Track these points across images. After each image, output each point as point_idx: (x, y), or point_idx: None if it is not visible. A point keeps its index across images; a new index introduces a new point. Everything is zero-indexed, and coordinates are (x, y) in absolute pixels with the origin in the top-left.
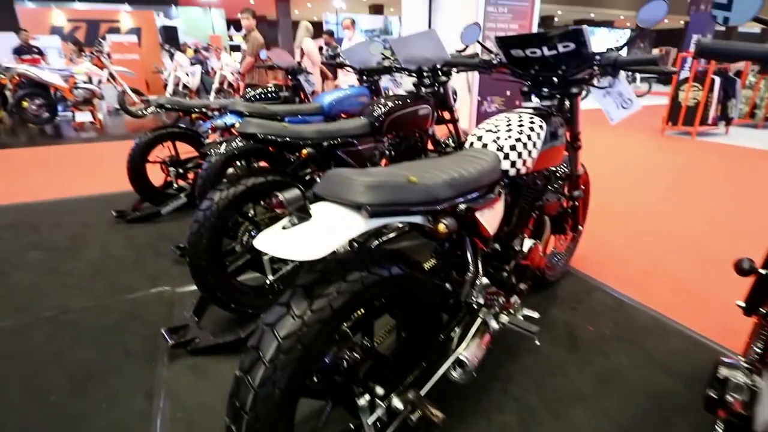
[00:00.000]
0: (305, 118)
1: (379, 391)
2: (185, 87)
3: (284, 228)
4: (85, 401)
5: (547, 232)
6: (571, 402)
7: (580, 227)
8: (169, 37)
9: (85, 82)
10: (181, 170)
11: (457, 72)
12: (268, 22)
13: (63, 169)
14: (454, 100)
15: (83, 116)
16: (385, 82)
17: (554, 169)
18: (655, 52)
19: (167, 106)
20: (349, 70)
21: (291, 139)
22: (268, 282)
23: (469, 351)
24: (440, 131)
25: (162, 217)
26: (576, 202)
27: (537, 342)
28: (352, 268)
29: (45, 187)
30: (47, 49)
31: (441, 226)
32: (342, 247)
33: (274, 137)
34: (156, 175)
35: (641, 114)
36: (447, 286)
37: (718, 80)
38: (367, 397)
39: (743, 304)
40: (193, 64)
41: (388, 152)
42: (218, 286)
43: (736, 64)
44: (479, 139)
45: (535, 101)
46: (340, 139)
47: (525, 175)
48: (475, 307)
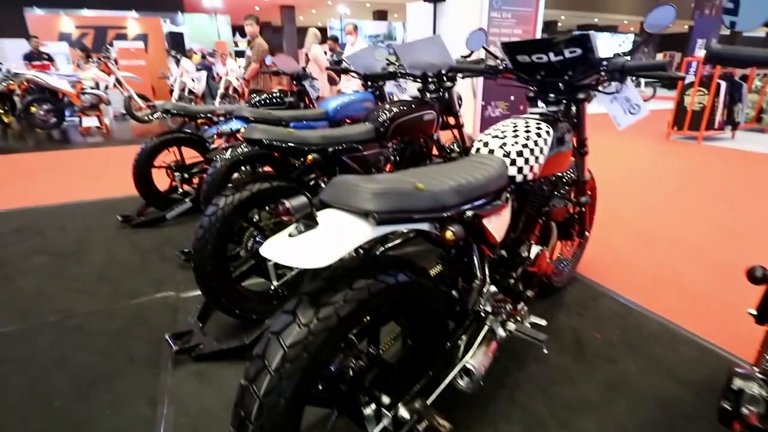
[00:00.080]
0: (310, 124)
1: (385, 400)
2: (191, 92)
3: (291, 235)
4: (89, 407)
5: (554, 238)
6: (579, 410)
7: (586, 233)
8: (176, 43)
9: (92, 88)
10: (186, 175)
11: (463, 77)
12: (272, 28)
13: (69, 174)
14: (459, 106)
15: (90, 121)
16: (390, 88)
17: (561, 175)
18: (660, 56)
19: (173, 111)
20: (354, 75)
21: (296, 145)
22: (272, 287)
23: (475, 359)
24: (445, 136)
25: (167, 221)
26: (583, 208)
27: (545, 350)
28: (359, 276)
29: (51, 191)
30: (55, 55)
31: (448, 234)
32: (348, 254)
33: (279, 143)
34: (161, 180)
35: (646, 119)
36: (453, 293)
37: (724, 84)
38: (373, 406)
39: (755, 313)
40: (199, 69)
41: (393, 158)
42: (223, 291)
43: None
44: (485, 145)
45: (541, 106)
46: (345, 145)
47: (532, 181)
48: (483, 315)
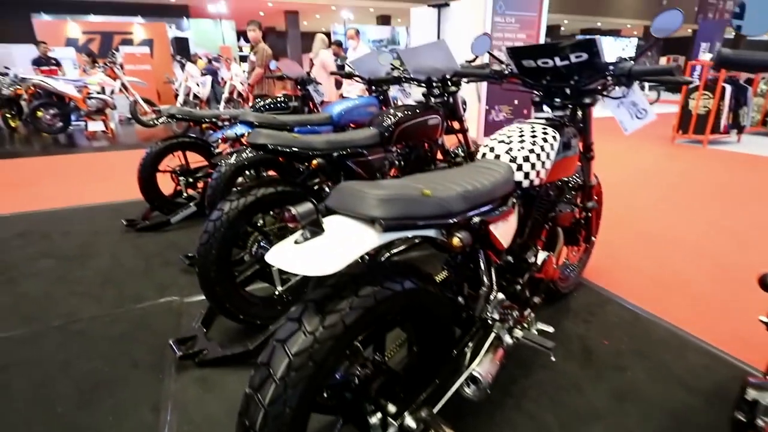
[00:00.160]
0: (314, 128)
1: (391, 408)
2: (196, 97)
3: (296, 242)
4: (92, 413)
5: (560, 244)
6: (588, 419)
7: (593, 238)
8: (181, 48)
9: (98, 93)
10: (190, 179)
11: (467, 82)
12: (277, 33)
13: (75, 178)
14: (464, 110)
15: (96, 126)
16: (394, 92)
17: (567, 180)
18: (663, 60)
19: (178, 116)
20: (358, 80)
21: (301, 150)
22: (276, 292)
23: (482, 367)
24: (449, 141)
25: (171, 225)
26: (589, 213)
27: (552, 358)
28: (365, 283)
29: (57, 195)
30: (62, 60)
31: (455, 240)
32: (354, 261)
33: (284, 148)
34: (166, 185)
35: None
36: (459, 299)
37: (729, 88)
38: (379, 415)
39: (767, 320)
40: (204, 74)
41: (397, 162)
42: (227, 296)
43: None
44: (491, 150)
45: (547, 111)
46: (350, 150)
47: (538, 186)
48: (490, 322)
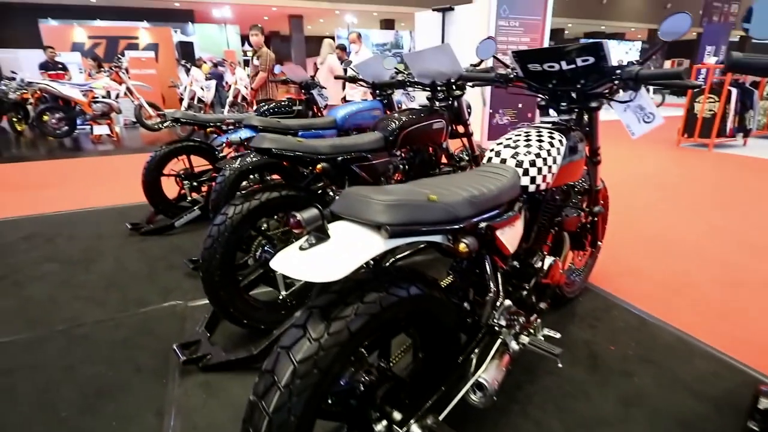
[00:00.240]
0: (319, 132)
1: (397, 416)
2: (200, 101)
3: (302, 248)
4: (96, 418)
5: (566, 249)
6: (595, 426)
7: (599, 242)
8: (186, 52)
9: (104, 97)
10: (195, 183)
11: (472, 86)
12: (281, 38)
13: (80, 182)
14: (469, 114)
15: (101, 129)
16: (398, 96)
17: (574, 184)
18: (668, 64)
19: (182, 120)
20: (363, 84)
21: (305, 154)
22: (280, 297)
23: (488, 373)
24: (453, 145)
25: (175, 229)
26: (595, 218)
27: (560, 364)
28: (370, 289)
29: (62, 198)
30: (68, 64)
31: (461, 246)
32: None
33: (288, 152)
34: (170, 188)
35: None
36: (465, 305)
37: (735, 91)
38: (385, 423)
39: None
40: (209, 78)
41: (402, 166)
42: (231, 301)
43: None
44: (497, 154)
45: (553, 115)
46: (354, 154)
47: (544, 191)
48: (497, 328)
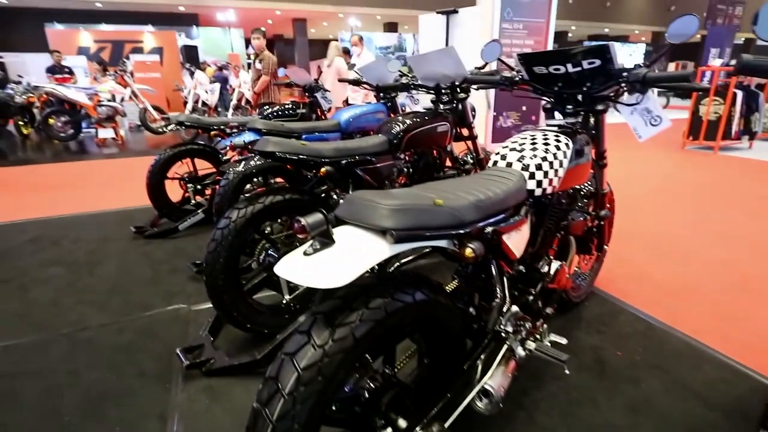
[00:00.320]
0: (322, 135)
1: (402, 423)
2: (204, 104)
3: (306, 253)
4: (99, 423)
5: (572, 253)
6: None
7: (605, 246)
8: (190, 56)
9: (109, 100)
10: (199, 186)
11: (477, 89)
12: (284, 41)
13: (85, 185)
14: (473, 117)
15: (106, 133)
16: (403, 99)
17: (580, 188)
18: (672, 66)
19: (187, 123)
20: (366, 87)
21: (309, 157)
22: (284, 301)
23: (494, 380)
24: (458, 148)
25: (179, 232)
26: (602, 221)
27: (567, 371)
28: (375, 295)
29: (67, 202)
30: (74, 68)
31: (468, 251)
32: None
33: (292, 155)
34: (174, 191)
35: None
36: (471, 310)
37: (740, 94)
38: (390, 430)
39: None
40: (213, 81)
41: (406, 170)
42: (234, 305)
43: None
44: (503, 158)
45: (559, 118)
46: (359, 157)
47: (550, 195)
48: (503, 334)
